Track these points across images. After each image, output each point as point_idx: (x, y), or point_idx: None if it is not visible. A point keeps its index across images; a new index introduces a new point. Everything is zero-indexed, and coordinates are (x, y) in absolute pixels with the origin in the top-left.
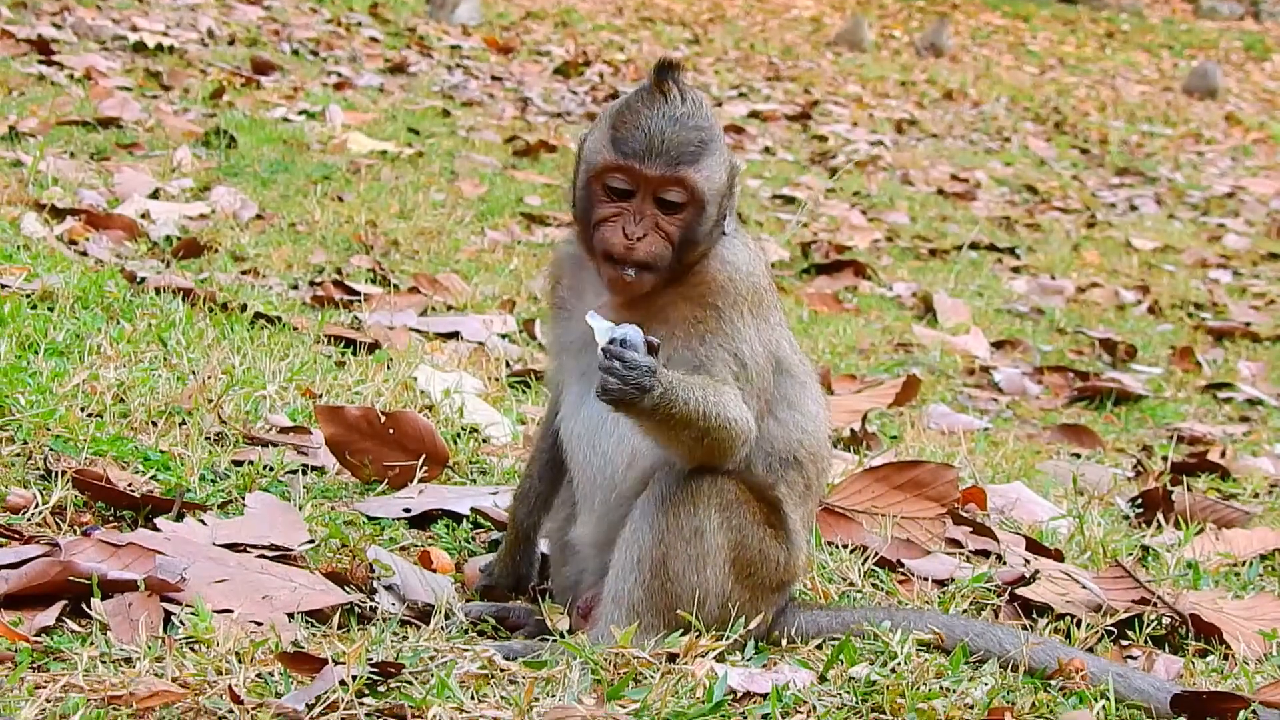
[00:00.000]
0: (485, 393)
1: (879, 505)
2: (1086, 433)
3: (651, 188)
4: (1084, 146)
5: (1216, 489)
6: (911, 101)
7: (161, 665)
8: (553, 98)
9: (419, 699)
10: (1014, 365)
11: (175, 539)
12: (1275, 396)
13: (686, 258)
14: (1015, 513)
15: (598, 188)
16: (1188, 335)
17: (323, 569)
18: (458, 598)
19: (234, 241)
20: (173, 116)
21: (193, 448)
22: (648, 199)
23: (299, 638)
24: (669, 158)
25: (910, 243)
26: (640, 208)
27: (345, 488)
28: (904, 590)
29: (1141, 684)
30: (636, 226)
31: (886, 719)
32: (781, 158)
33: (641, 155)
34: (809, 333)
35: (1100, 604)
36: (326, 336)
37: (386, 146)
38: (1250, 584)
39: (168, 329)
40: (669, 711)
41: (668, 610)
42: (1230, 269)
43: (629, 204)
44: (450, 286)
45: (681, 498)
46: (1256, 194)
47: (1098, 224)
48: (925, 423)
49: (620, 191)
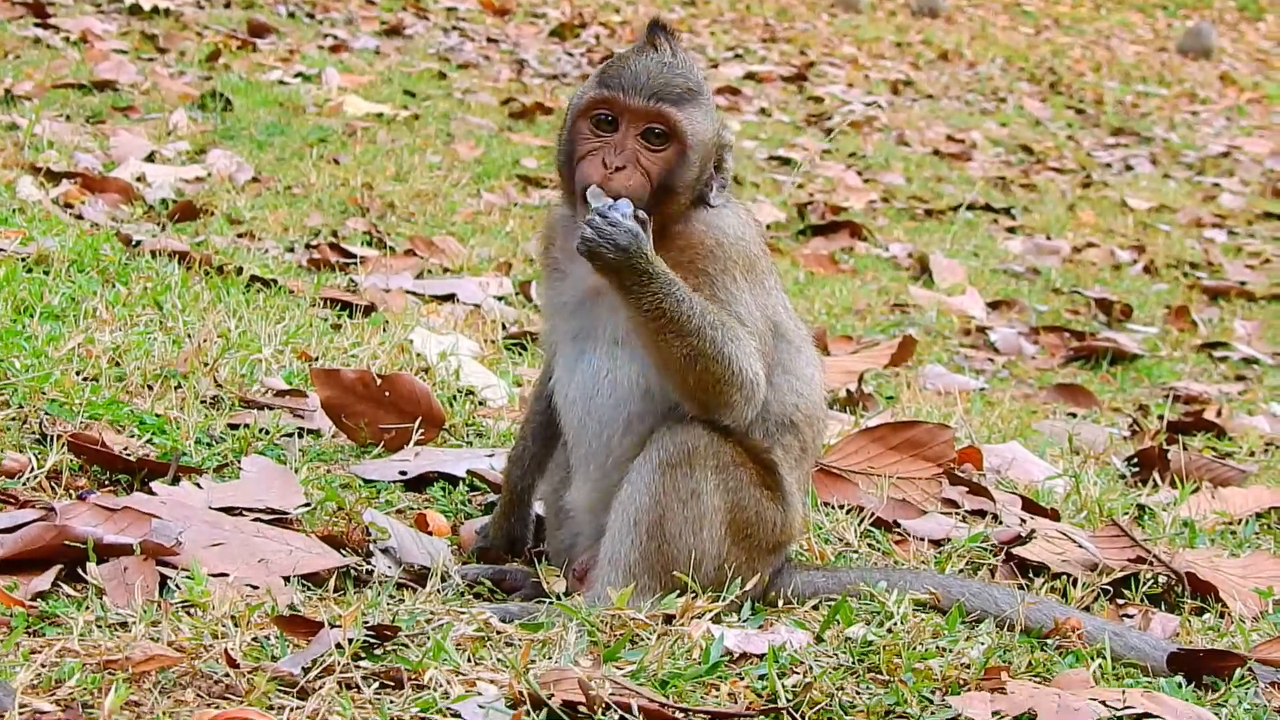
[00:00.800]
0: (481, 355)
1: (875, 466)
2: (1082, 392)
3: (634, 120)
4: (1079, 107)
5: (1212, 448)
6: (907, 62)
7: (157, 629)
8: (549, 60)
9: (415, 662)
10: (1010, 325)
11: (171, 503)
12: (1271, 355)
13: (666, 205)
14: (1011, 472)
15: (582, 124)
16: (1183, 294)
17: (319, 532)
18: (454, 560)
19: (230, 204)
20: (168, 79)
21: (188, 411)
22: (629, 133)
23: (295, 601)
24: (653, 92)
25: (906, 203)
26: (622, 141)
27: (341, 450)
28: (900, 550)
29: (1138, 642)
30: (616, 157)
31: (883, 679)
32: (777, 119)
33: (626, 88)
34: (805, 294)
35: (1096, 563)
36: (322, 299)
37: (382, 109)
38: (1246, 542)
39: (163, 292)
40: (666, 673)
41: (664, 572)
42: (1225, 228)
43: (611, 138)
44: (446, 249)
45: (678, 459)
46: (1251, 153)
47: (1093, 184)
48: (921, 383)
49: (603, 127)
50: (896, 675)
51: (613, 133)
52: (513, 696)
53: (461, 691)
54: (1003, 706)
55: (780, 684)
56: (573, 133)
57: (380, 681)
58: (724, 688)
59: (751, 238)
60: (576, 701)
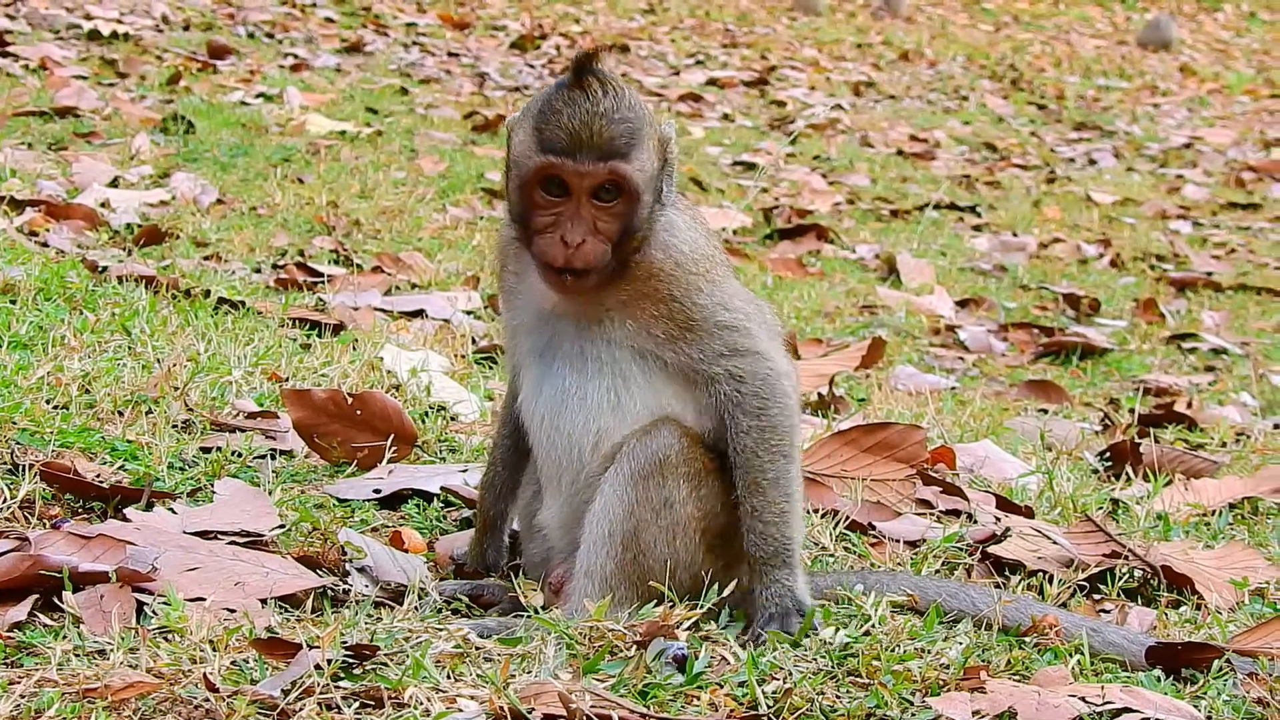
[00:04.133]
0: (452, 370)
1: (849, 468)
2: (1053, 388)
3: (586, 186)
4: (1041, 102)
5: (1184, 439)
6: (868, 63)
7: (136, 656)
8: (510, 72)
9: (395, 680)
10: (979, 323)
11: (145, 529)
12: (1239, 345)
13: (626, 249)
14: (984, 471)
15: (531, 192)
16: (1150, 287)
17: (294, 553)
18: (431, 577)
19: (195, 227)
20: (130, 104)
21: (160, 436)
22: (583, 198)
23: (272, 623)
24: (600, 153)
25: (872, 204)
26: (576, 210)
27: (314, 471)
28: (876, 553)
29: (1115, 637)
30: (574, 232)
31: (863, 682)
32: (740, 124)
33: (572, 153)
34: (774, 298)
35: (1072, 559)
36: (291, 319)
37: (345, 127)
38: (1220, 533)
39: (131, 318)
40: (646, 683)
41: (640, 582)
42: (1190, 219)
43: (564, 207)
44: (414, 265)
45: (650, 470)
46: (1213, 144)
47: (1057, 179)
48: (892, 384)
49: (554, 194)
50: (876, 678)
51: (564, 197)
52: (494, 712)
53: (442, 709)
54: (983, 706)
55: (760, 691)
56: (522, 196)
57: (360, 701)
58: (704, 696)
59: (702, 243)
60: (557, 715)
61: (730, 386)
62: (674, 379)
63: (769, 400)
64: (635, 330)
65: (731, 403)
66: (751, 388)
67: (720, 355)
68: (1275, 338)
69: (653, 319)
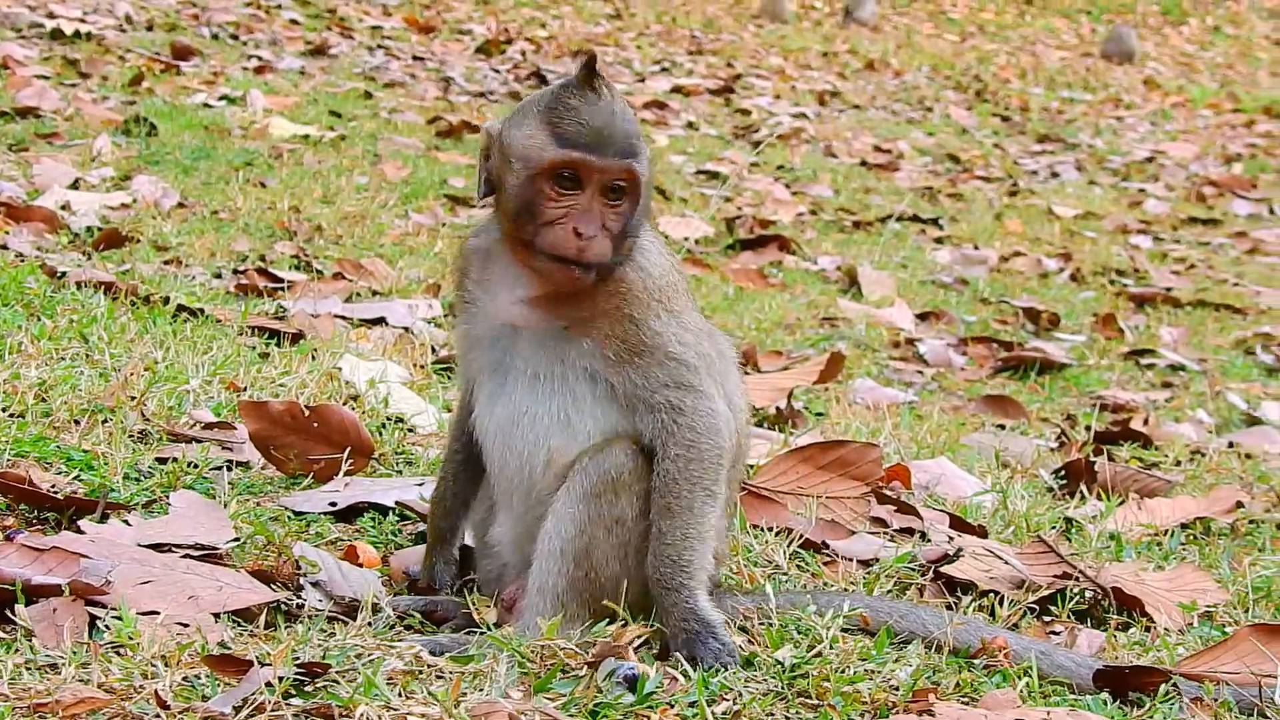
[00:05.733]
0: (410, 380)
1: (804, 486)
2: (1011, 403)
3: (601, 180)
4: (1005, 114)
5: (1139, 458)
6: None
7: (87, 671)
8: (475, 77)
9: (346, 698)
10: (939, 337)
11: (100, 541)
12: (1196, 361)
13: (621, 252)
14: (940, 488)
15: (544, 184)
16: (1110, 302)
17: (248, 567)
18: (385, 592)
19: (156, 231)
20: (92, 105)
21: (116, 446)
22: (596, 194)
23: (225, 638)
24: (620, 150)
25: (834, 215)
26: (589, 205)
27: (271, 482)
28: (829, 572)
29: (1064, 660)
30: (588, 225)
31: (813, 703)
32: (705, 133)
33: (594, 148)
34: (734, 309)
35: (1024, 580)
36: (250, 328)
37: (308, 130)
38: (1172, 554)
39: (89, 325)
40: (596, 704)
41: (593, 599)
42: (1151, 234)
43: (577, 201)
44: (375, 271)
45: (601, 488)
46: (1176, 157)
47: (1020, 192)
48: (851, 397)
49: (567, 187)
50: (826, 699)
51: (577, 192)
52: None
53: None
54: None
55: (710, 711)
56: (531, 188)
57: (311, 718)
58: (655, 717)
59: (669, 269)
60: None
61: (668, 416)
62: (618, 402)
63: (702, 435)
64: (589, 349)
65: (666, 431)
66: (688, 420)
67: (664, 385)
68: (1232, 354)
69: (606, 339)
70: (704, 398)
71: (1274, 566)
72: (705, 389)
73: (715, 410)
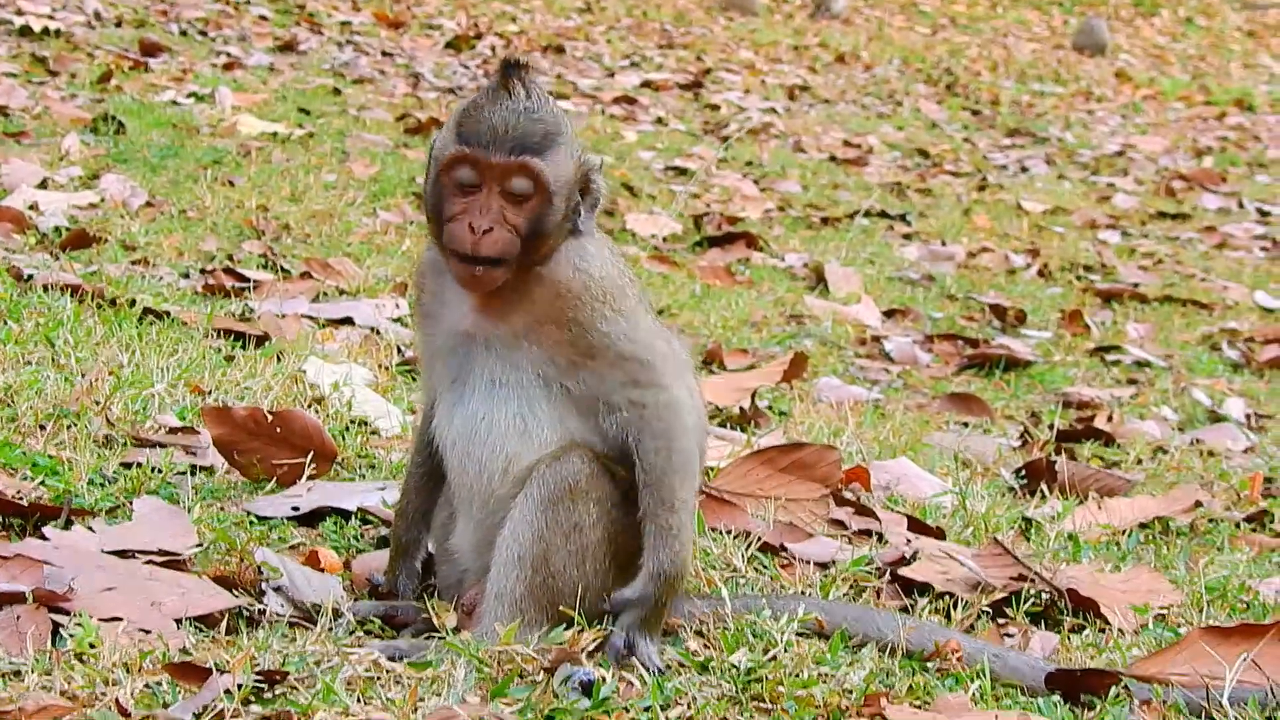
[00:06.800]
0: (375, 383)
1: (764, 489)
2: (975, 401)
3: (497, 177)
4: (975, 108)
5: (1100, 456)
6: (804, 66)
7: (50, 679)
8: (445, 73)
9: (305, 704)
10: (905, 334)
11: (63, 548)
12: (1162, 357)
13: (536, 252)
14: (900, 489)
15: (446, 182)
16: (1076, 298)
17: (211, 573)
18: (346, 597)
19: (124, 230)
20: (60, 103)
21: (80, 452)
22: (494, 190)
23: (187, 645)
24: (513, 146)
25: (802, 212)
26: (487, 201)
27: (234, 487)
28: (786, 575)
29: (1017, 663)
30: (482, 219)
31: (766, 707)
32: (674, 128)
33: (486, 144)
34: (701, 307)
35: (979, 582)
36: (216, 330)
37: (277, 128)
38: (1130, 554)
39: (55, 328)
40: (552, 709)
41: (550, 605)
42: (1119, 229)
43: (476, 197)
44: (343, 270)
45: (559, 495)
46: (1146, 151)
47: (989, 187)
48: (816, 395)
49: (467, 185)
50: (779, 704)
51: (477, 188)
52: None
53: None
54: None
55: (664, 715)
56: (437, 187)
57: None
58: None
59: (613, 271)
60: None
61: (633, 413)
62: (577, 406)
63: (672, 424)
64: (540, 356)
65: (635, 427)
66: (654, 413)
67: (621, 385)
68: (1198, 350)
69: (556, 344)
70: (664, 390)
71: (1229, 567)
72: (664, 382)
73: (679, 401)
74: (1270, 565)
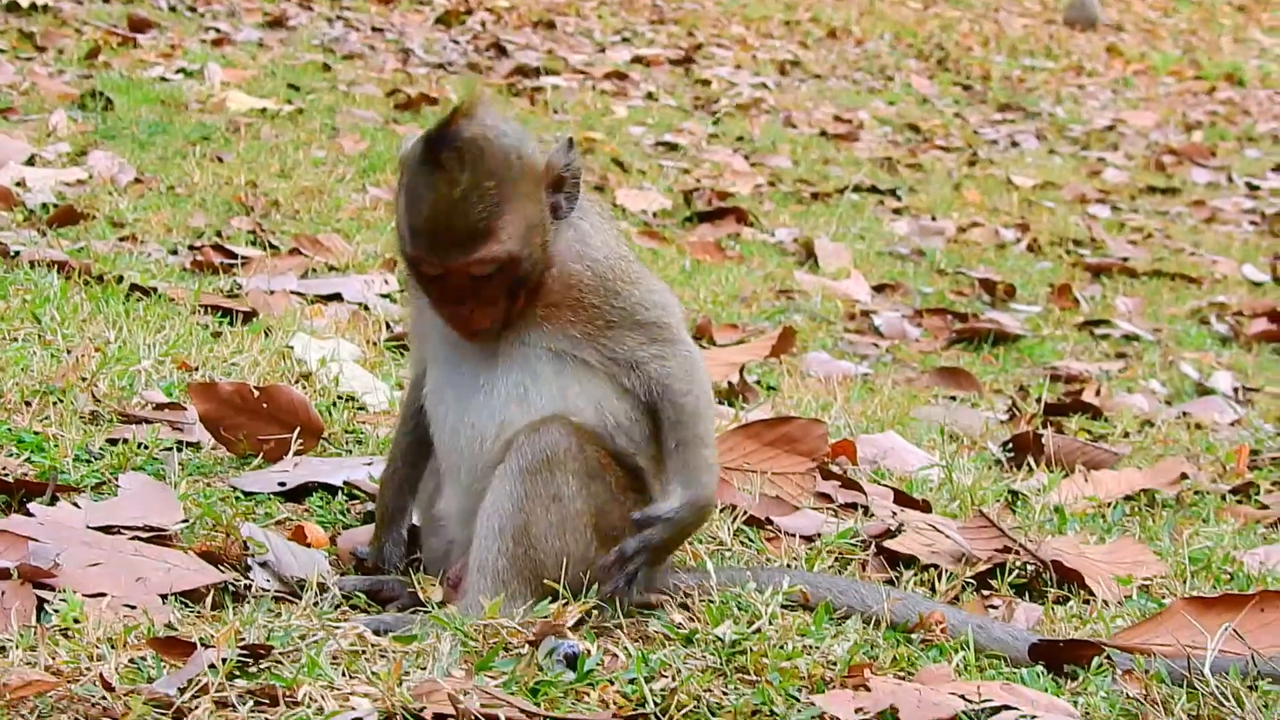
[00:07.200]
0: (363, 358)
1: (751, 462)
2: (964, 375)
3: (457, 272)
4: (966, 83)
5: (1087, 430)
6: (795, 41)
7: (34, 654)
8: (434, 48)
9: (289, 678)
10: (894, 309)
11: (49, 524)
12: (1151, 331)
13: (525, 290)
14: (888, 462)
15: (412, 271)
16: (1066, 272)
17: (197, 548)
18: (332, 572)
19: (112, 207)
20: (47, 79)
21: (66, 428)
22: (461, 280)
23: (172, 620)
24: (462, 246)
25: (792, 187)
26: (457, 288)
27: (220, 463)
28: (772, 548)
29: (1001, 634)
30: (461, 307)
31: (751, 679)
32: (665, 103)
33: (435, 247)
34: (691, 282)
35: (964, 554)
36: (203, 306)
37: (266, 104)
38: (1115, 526)
39: (42, 305)
40: (537, 682)
41: (534, 577)
42: (1109, 204)
43: (446, 285)
44: (332, 246)
45: (539, 465)
46: (1136, 126)
47: (979, 162)
48: (805, 369)
49: (431, 277)
50: (763, 675)
51: (443, 280)
52: (386, 710)
53: (335, 707)
54: (865, 703)
55: (648, 688)
56: (408, 274)
57: (255, 700)
58: (594, 694)
59: (614, 249)
60: (447, 714)
61: (657, 365)
62: (586, 371)
63: (694, 372)
64: (551, 333)
65: (662, 375)
66: (677, 364)
67: (642, 344)
68: (1187, 324)
69: (570, 323)
70: (683, 345)
71: (1213, 538)
72: (682, 338)
73: (696, 357)
74: (1255, 537)
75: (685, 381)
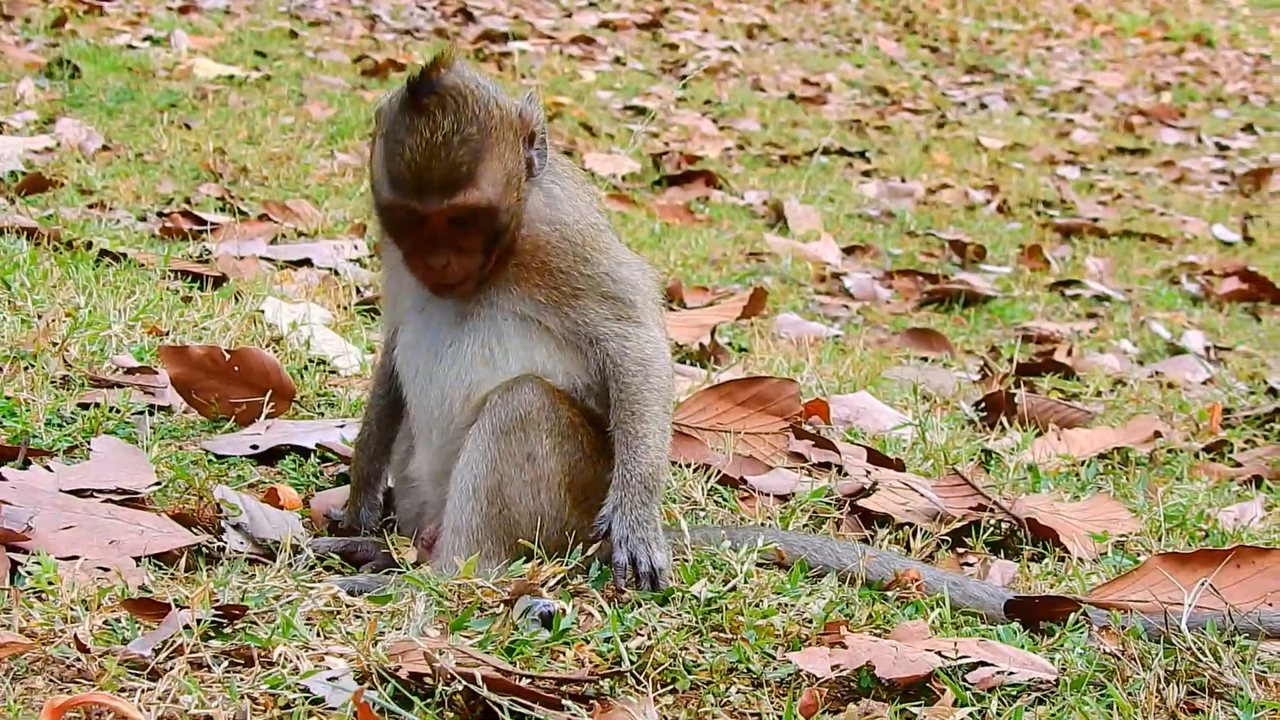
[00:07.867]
0: (334, 322)
1: (723, 422)
2: (935, 336)
3: (437, 218)
4: (934, 45)
5: (1059, 389)
6: (762, 5)
7: (9, 616)
8: (401, 14)
9: (264, 639)
10: (864, 270)
11: (21, 487)
12: (1122, 291)
13: (500, 248)
14: (860, 422)
15: (389, 219)
16: (1036, 233)
17: (170, 511)
18: (305, 534)
19: (80, 174)
20: (14, 48)
21: (38, 393)
22: (440, 225)
23: (146, 582)
24: (442, 187)
25: (761, 150)
26: (435, 236)
27: (193, 426)
28: (746, 507)
29: (976, 591)
30: (437, 257)
31: (726, 637)
32: (632, 67)
33: (416, 191)
34: (661, 245)
35: (939, 512)
36: (174, 271)
37: (233, 71)
38: (1089, 484)
39: (11, 271)
40: (512, 641)
41: (508, 536)
42: (1078, 165)
43: (423, 232)
44: (301, 212)
45: (511, 425)
46: (1104, 87)
47: (947, 124)
48: (776, 331)
49: (410, 225)
50: (739, 633)
51: (421, 226)
52: (361, 669)
53: (310, 667)
54: (841, 660)
55: (624, 646)
56: (382, 222)
57: (230, 660)
58: (570, 652)
59: (584, 211)
60: (423, 673)
61: (616, 344)
62: (550, 338)
63: (652, 355)
64: (518, 296)
65: (618, 355)
66: (636, 345)
67: (605, 319)
68: (1157, 284)
69: (536, 287)
70: (645, 328)
71: (1188, 496)
72: (645, 320)
73: (657, 339)
74: (1229, 494)
75: (639, 364)
